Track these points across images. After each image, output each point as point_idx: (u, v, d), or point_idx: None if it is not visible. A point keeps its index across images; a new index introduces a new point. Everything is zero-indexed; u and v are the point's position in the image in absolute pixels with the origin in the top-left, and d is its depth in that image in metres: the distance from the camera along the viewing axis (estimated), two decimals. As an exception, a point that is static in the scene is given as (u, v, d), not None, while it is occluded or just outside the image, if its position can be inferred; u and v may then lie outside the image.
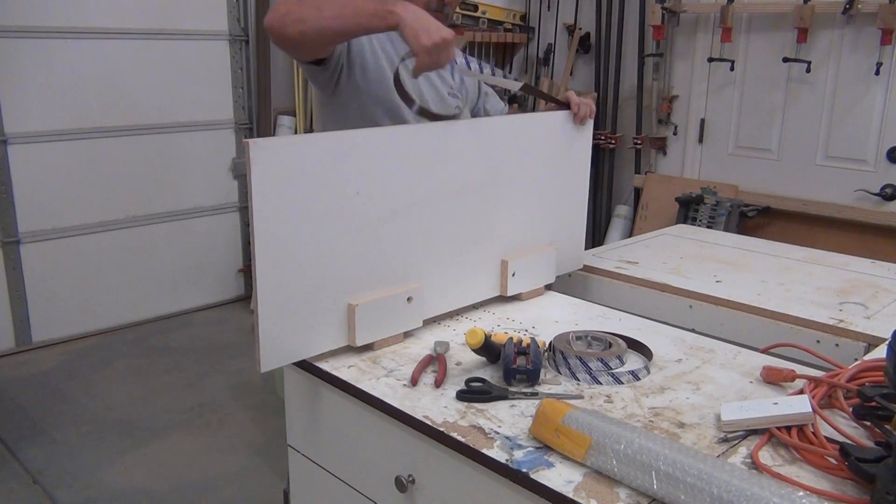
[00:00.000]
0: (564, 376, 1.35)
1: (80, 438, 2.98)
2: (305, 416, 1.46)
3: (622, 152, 4.04)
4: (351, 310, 1.39)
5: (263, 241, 1.24)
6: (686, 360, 1.43)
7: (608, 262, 2.00)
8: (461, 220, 1.57)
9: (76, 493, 2.63)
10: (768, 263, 2.03)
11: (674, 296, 1.80)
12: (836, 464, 1.02)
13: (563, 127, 1.76)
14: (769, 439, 1.11)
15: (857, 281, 1.89)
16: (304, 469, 1.49)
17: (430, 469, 1.21)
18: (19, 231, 3.74)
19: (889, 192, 3.15)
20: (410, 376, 1.32)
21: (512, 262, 1.68)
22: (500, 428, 1.16)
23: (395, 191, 1.43)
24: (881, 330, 1.55)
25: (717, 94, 3.66)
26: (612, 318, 1.64)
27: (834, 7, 3.15)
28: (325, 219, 1.32)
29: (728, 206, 3.46)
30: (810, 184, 3.39)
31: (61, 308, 3.91)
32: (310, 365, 1.38)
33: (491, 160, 1.60)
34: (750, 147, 3.59)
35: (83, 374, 3.56)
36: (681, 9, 3.63)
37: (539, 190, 1.74)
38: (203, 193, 4.28)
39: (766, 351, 1.48)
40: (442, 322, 1.60)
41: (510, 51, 4.32)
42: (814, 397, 1.17)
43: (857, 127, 3.23)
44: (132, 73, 3.93)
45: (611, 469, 1.01)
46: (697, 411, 1.22)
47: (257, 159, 1.21)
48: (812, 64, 3.26)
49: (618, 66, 3.96)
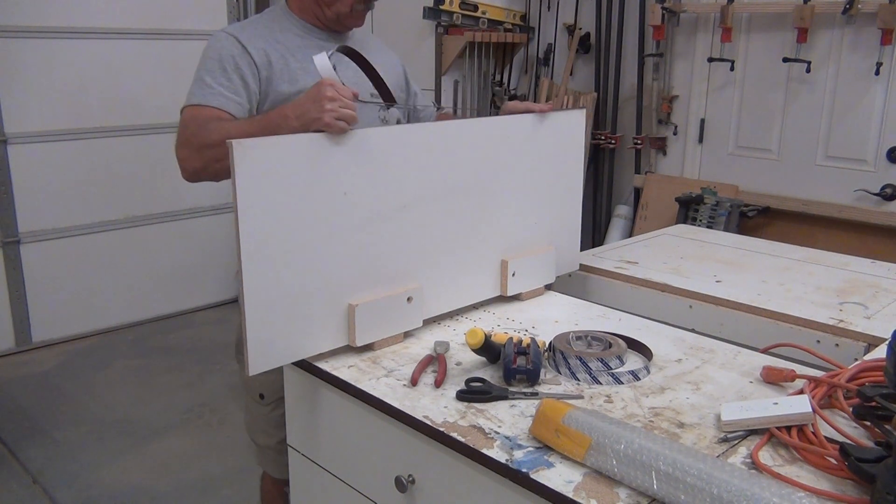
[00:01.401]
0: (564, 376, 1.35)
1: (80, 438, 2.98)
2: (305, 416, 1.46)
3: (622, 152, 4.04)
4: (351, 310, 1.39)
5: (249, 242, 1.24)
6: (686, 360, 1.43)
7: (608, 262, 2.00)
8: (461, 220, 1.57)
9: (76, 493, 2.63)
10: (768, 263, 2.03)
11: (674, 296, 1.80)
12: (836, 464, 1.02)
13: (558, 127, 1.76)
14: (769, 439, 1.11)
15: (857, 281, 1.89)
16: (304, 469, 1.49)
17: (430, 469, 1.21)
18: (19, 231, 3.74)
19: (889, 192, 3.14)
20: (410, 376, 1.32)
21: (512, 262, 1.68)
22: (500, 428, 1.16)
23: (385, 192, 1.42)
24: (881, 330, 1.55)
25: (717, 94, 3.66)
26: (612, 318, 1.64)
27: (834, 7, 3.15)
28: (313, 219, 1.32)
29: (728, 206, 3.46)
30: (810, 184, 3.39)
31: (61, 308, 3.91)
32: (310, 365, 1.38)
33: (489, 160, 1.60)
34: (750, 147, 3.59)
35: (83, 374, 3.56)
36: (681, 9, 3.63)
37: (537, 189, 1.74)
38: (203, 193, 4.27)
39: (766, 351, 1.48)
40: (442, 322, 1.60)
41: (510, 51, 4.32)
42: (814, 397, 1.17)
43: (857, 127, 3.23)
44: (132, 73, 3.94)
45: (611, 469, 1.01)
46: (697, 411, 1.22)
47: (241, 160, 1.20)
48: (812, 64, 3.25)
49: (618, 66, 3.96)
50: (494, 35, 4.08)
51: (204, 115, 1.57)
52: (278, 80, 1.65)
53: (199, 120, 1.56)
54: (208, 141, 1.51)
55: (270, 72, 1.65)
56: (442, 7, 3.94)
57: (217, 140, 1.47)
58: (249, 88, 1.63)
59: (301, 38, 1.73)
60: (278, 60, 1.66)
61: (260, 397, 1.78)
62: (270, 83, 1.65)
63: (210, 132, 1.52)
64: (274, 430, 1.78)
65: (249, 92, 1.63)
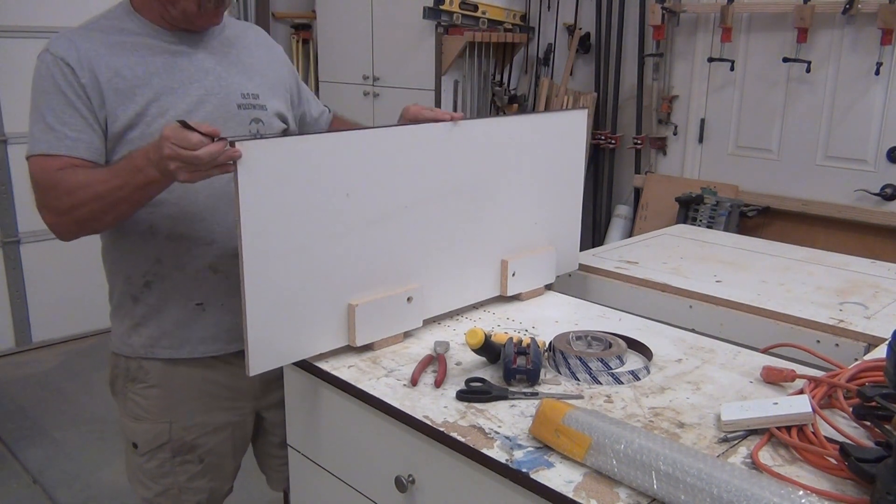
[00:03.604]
0: (564, 376, 1.35)
1: (80, 438, 2.98)
2: (305, 416, 1.46)
3: (622, 152, 4.04)
4: (351, 310, 1.39)
5: (250, 242, 1.24)
6: (686, 360, 1.43)
7: (608, 262, 1.99)
8: (461, 220, 1.57)
9: (76, 493, 2.63)
10: (768, 263, 2.03)
11: (674, 296, 1.80)
12: (836, 464, 1.02)
13: (558, 127, 1.76)
14: (769, 439, 1.11)
15: (857, 281, 1.89)
16: (304, 469, 1.49)
17: (430, 469, 1.21)
18: (19, 231, 3.74)
19: (889, 192, 3.14)
20: (410, 376, 1.32)
21: (512, 262, 1.68)
22: (500, 428, 1.16)
23: (387, 192, 1.42)
24: (881, 330, 1.55)
25: (717, 94, 3.66)
26: (612, 318, 1.64)
27: (834, 7, 3.15)
28: (315, 220, 1.32)
29: (728, 206, 3.46)
30: (810, 184, 3.39)
31: (61, 308, 3.90)
32: (310, 365, 1.38)
33: (489, 160, 1.60)
34: (750, 147, 3.59)
35: (83, 374, 3.56)
36: (681, 9, 3.63)
37: (538, 189, 1.74)
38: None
39: (766, 351, 1.48)
40: (442, 322, 1.60)
41: (510, 51, 4.32)
42: (814, 397, 1.17)
43: (857, 127, 3.23)
44: (132, 73, 3.93)
45: (611, 469, 1.01)
46: (697, 411, 1.22)
47: (242, 161, 1.20)
48: (812, 64, 3.25)
49: (618, 66, 3.96)
50: (494, 35, 4.08)
51: (55, 167, 1.38)
52: (112, 103, 1.42)
53: (53, 178, 1.38)
54: (75, 201, 1.35)
55: (102, 97, 1.41)
56: (442, 7, 3.94)
57: (84, 199, 1.34)
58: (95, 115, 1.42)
59: (145, 43, 1.47)
60: (111, 79, 1.42)
61: (133, 446, 1.59)
62: (104, 107, 1.42)
63: (73, 192, 1.35)
64: (151, 481, 1.59)
65: (96, 119, 1.42)
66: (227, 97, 1.52)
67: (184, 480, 1.60)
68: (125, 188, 1.32)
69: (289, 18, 4.98)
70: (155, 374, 1.56)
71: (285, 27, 4.98)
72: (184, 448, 1.59)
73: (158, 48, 1.48)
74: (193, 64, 1.50)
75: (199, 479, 1.62)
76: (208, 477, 1.63)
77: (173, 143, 1.20)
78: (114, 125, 1.43)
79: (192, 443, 1.59)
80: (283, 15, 4.95)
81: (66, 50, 1.43)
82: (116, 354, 1.61)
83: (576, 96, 4.09)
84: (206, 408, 1.60)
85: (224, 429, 1.63)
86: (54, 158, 1.39)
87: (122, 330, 1.59)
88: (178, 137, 1.19)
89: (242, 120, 1.53)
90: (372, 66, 4.41)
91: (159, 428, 1.57)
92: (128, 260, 1.53)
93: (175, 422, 1.57)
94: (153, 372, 1.56)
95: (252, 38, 1.66)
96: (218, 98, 1.50)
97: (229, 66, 1.55)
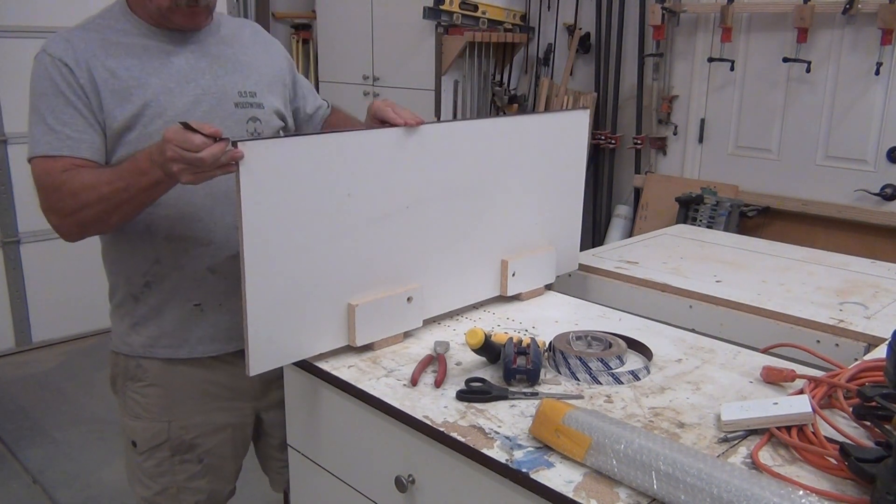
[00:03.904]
0: (564, 376, 1.35)
1: (80, 438, 2.98)
2: (305, 416, 1.46)
3: (622, 152, 4.04)
4: (351, 310, 1.39)
5: (251, 243, 1.23)
6: (686, 360, 1.43)
7: (608, 262, 1.99)
8: (460, 220, 1.57)
9: (76, 493, 2.64)
10: (768, 263, 2.03)
11: (674, 296, 1.80)
12: (836, 464, 1.02)
13: (559, 126, 1.76)
14: (769, 439, 1.11)
15: (857, 281, 1.89)
16: (304, 469, 1.49)
17: (430, 469, 1.21)
18: (19, 231, 3.74)
19: (889, 192, 3.15)
20: (410, 376, 1.32)
21: (512, 262, 1.68)
22: (500, 428, 1.16)
23: (388, 192, 1.42)
24: (881, 330, 1.55)
25: (717, 94, 3.66)
26: (612, 318, 1.64)
27: (834, 7, 3.15)
28: (316, 220, 1.32)
29: (728, 206, 3.46)
30: (810, 184, 3.39)
31: (61, 308, 3.90)
32: (310, 365, 1.38)
33: (490, 160, 1.60)
34: (750, 147, 3.59)
35: (83, 374, 3.56)
36: (681, 9, 3.63)
37: (538, 189, 1.74)
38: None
39: (766, 351, 1.48)
40: (442, 322, 1.60)
41: (510, 51, 4.32)
42: (814, 397, 1.17)
43: (857, 127, 3.23)
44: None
45: (611, 469, 1.01)
46: (697, 411, 1.22)
47: (243, 161, 1.20)
48: (812, 64, 3.26)
49: (618, 66, 3.96)
50: (494, 35, 4.09)
51: (58, 168, 1.38)
52: (109, 104, 1.42)
53: (57, 179, 1.37)
54: (80, 203, 1.35)
55: (99, 97, 1.41)
56: (442, 7, 3.94)
57: (88, 201, 1.34)
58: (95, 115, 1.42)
59: (140, 43, 1.47)
60: (107, 80, 1.42)
61: (132, 445, 1.59)
62: (102, 108, 1.42)
63: (77, 194, 1.35)
64: (149, 480, 1.59)
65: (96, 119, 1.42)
66: (224, 96, 1.51)
67: (182, 480, 1.60)
68: (130, 190, 1.32)
69: (289, 18, 4.98)
70: (154, 373, 1.57)
71: (285, 27, 4.99)
72: (182, 447, 1.59)
73: (154, 48, 1.47)
74: (189, 64, 1.50)
75: (198, 479, 1.62)
76: (208, 478, 1.63)
77: (176, 145, 1.19)
78: (112, 126, 1.43)
79: (191, 442, 1.59)
80: (283, 15, 4.96)
81: (63, 50, 1.42)
82: (116, 353, 1.61)
83: (576, 96, 4.09)
84: (206, 408, 1.60)
85: (224, 429, 1.63)
86: (57, 159, 1.39)
87: (122, 329, 1.59)
88: (181, 139, 1.19)
89: (240, 119, 1.53)
90: (372, 66, 4.42)
91: (158, 426, 1.57)
92: (127, 260, 1.53)
93: (174, 421, 1.57)
94: (152, 371, 1.57)
95: (248, 34, 1.66)
96: (214, 97, 1.50)
97: (225, 64, 1.55)
